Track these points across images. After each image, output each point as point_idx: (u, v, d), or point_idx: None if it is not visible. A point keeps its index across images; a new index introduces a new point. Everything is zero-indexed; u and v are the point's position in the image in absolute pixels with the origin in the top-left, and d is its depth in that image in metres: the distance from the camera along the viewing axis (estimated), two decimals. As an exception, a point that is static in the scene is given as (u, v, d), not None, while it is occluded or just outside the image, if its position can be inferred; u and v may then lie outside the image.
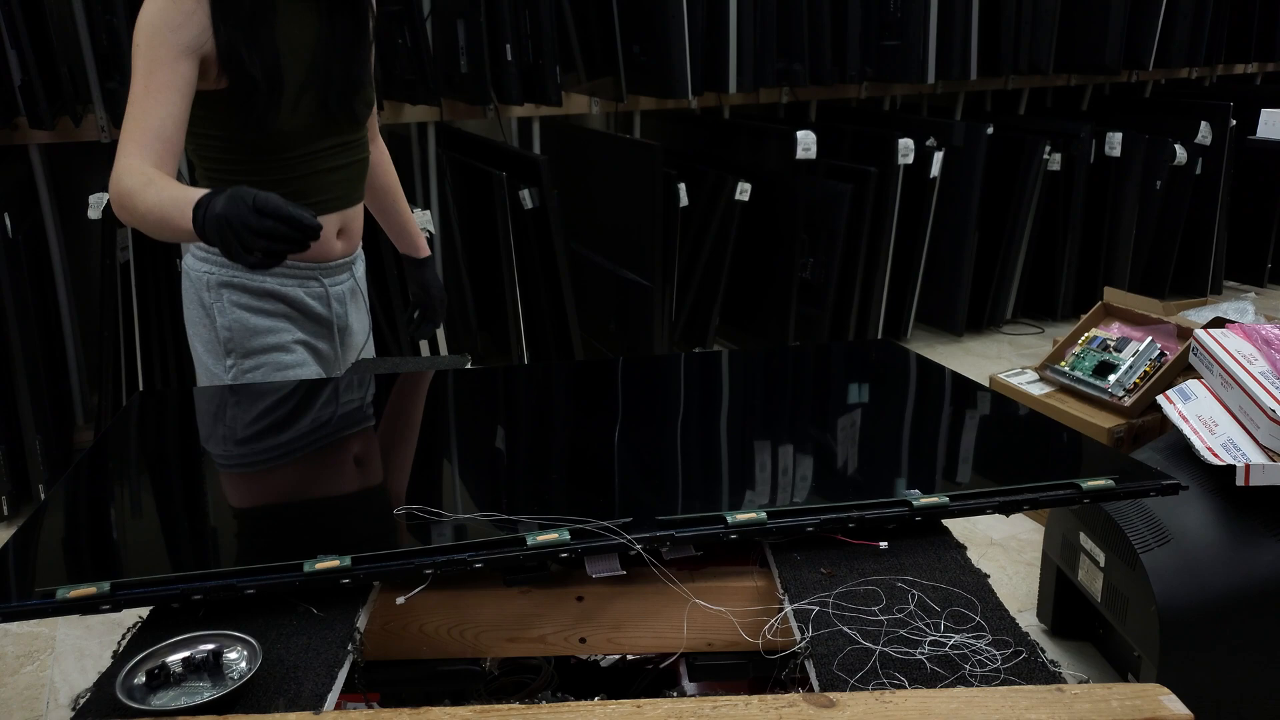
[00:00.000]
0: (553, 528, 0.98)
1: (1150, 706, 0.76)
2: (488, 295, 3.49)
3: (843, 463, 1.22)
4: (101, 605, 0.91)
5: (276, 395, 1.47)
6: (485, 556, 0.96)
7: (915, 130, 3.85)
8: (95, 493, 1.19)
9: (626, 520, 1.00)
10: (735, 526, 1.00)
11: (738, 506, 1.04)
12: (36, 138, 2.98)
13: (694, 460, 1.25)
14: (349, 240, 1.64)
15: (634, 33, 3.59)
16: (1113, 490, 1.08)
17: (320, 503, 1.17)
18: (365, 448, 1.31)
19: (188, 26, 1.37)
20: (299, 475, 1.24)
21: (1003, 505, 1.07)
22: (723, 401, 1.47)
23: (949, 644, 0.87)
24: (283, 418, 1.41)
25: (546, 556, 0.98)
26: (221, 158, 1.49)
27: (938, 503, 1.05)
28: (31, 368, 2.77)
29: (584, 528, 0.98)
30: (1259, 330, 2.04)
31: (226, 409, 1.44)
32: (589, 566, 1.01)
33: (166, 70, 1.36)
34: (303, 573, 0.93)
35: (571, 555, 0.98)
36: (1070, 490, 1.07)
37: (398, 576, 0.97)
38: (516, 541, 0.97)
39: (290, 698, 0.82)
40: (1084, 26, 4.29)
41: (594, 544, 0.97)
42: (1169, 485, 1.09)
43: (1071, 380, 2.69)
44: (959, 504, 1.06)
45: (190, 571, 0.95)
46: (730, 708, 0.77)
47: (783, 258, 3.74)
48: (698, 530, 1.00)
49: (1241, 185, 4.61)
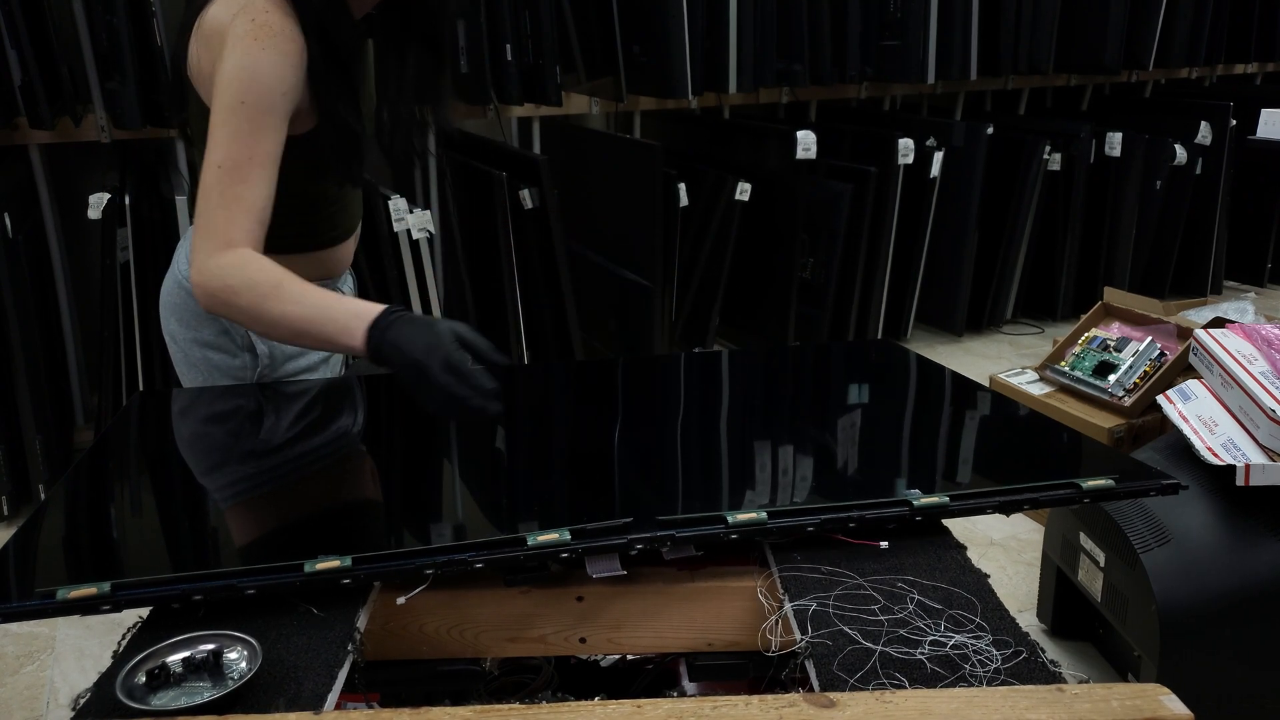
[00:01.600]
0: (553, 528, 0.98)
1: (1150, 706, 0.76)
2: (488, 295, 3.49)
3: (843, 463, 1.22)
4: (102, 606, 0.91)
5: (278, 396, 1.47)
6: (486, 557, 0.96)
7: (915, 130, 3.85)
8: (95, 493, 1.19)
9: (627, 520, 1.00)
10: (736, 526, 1.00)
11: (738, 506, 1.04)
12: (36, 138, 2.98)
13: (694, 460, 1.25)
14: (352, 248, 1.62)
15: (634, 33, 3.59)
16: (1113, 490, 1.08)
17: (321, 503, 1.17)
18: (365, 448, 1.31)
19: (299, 86, 1.23)
20: (299, 475, 1.23)
21: (1003, 505, 1.07)
22: (723, 401, 1.47)
23: (949, 644, 0.87)
24: (282, 418, 1.41)
25: (547, 556, 0.98)
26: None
27: (938, 502, 1.05)
28: (31, 368, 2.77)
29: (584, 528, 0.99)
30: (1259, 330, 2.04)
31: (225, 409, 1.44)
32: (589, 567, 1.01)
33: (273, 139, 1.21)
34: (303, 573, 0.93)
35: (572, 555, 0.98)
36: (1070, 490, 1.07)
37: (398, 577, 0.97)
38: (517, 541, 0.97)
39: (290, 698, 0.82)
40: (1084, 26, 4.29)
41: (594, 544, 0.97)
42: (1169, 485, 1.09)
43: (1071, 380, 2.69)
44: (959, 504, 1.06)
45: (190, 572, 0.95)
46: (730, 708, 0.77)
47: (783, 258, 3.74)
48: (698, 530, 1.00)
49: (1241, 185, 4.61)
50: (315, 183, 1.36)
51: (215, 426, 1.38)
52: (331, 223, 1.45)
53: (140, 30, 2.80)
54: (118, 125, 2.95)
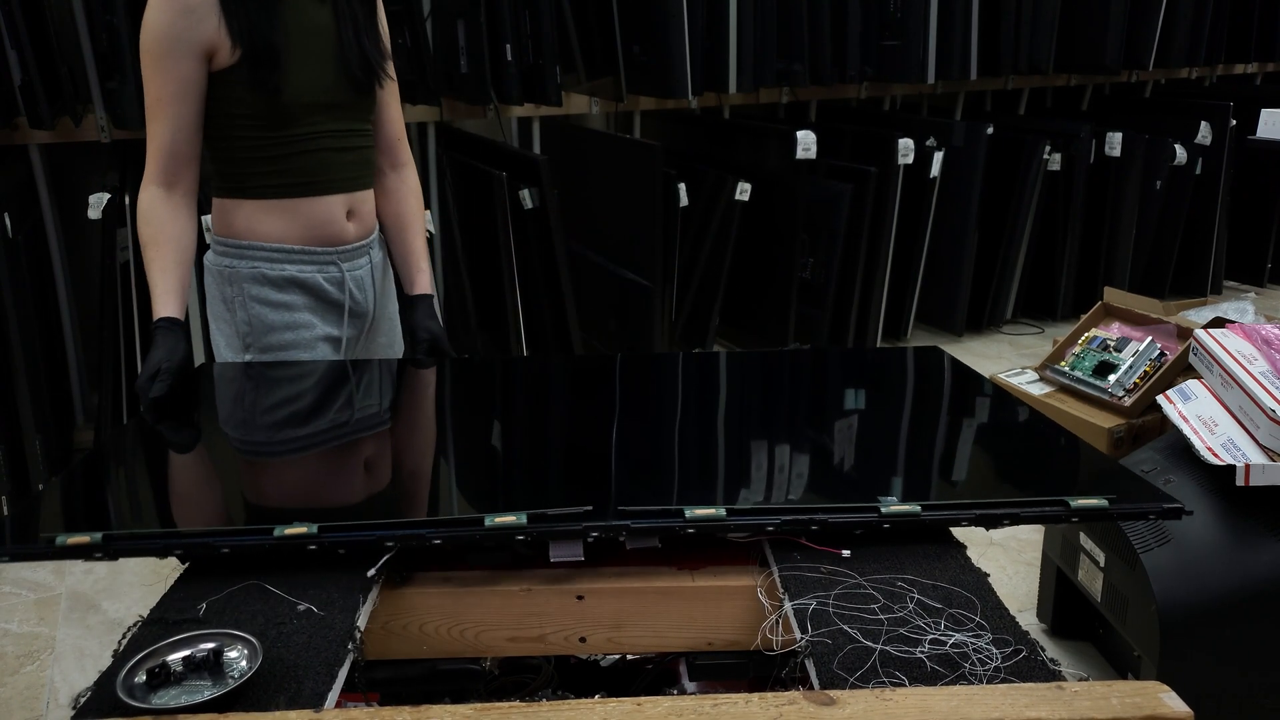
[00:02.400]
0: (511, 511, 1.02)
1: (1150, 704, 0.76)
2: (488, 295, 3.49)
3: (824, 466, 1.20)
4: (95, 553, 0.98)
5: (262, 378, 1.52)
6: (444, 533, 1.00)
7: (915, 130, 3.85)
8: (113, 460, 1.26)
9: (586, 509, 1.02)
10: (693, 521, 1.01)
11: (709, 502, 1.04)
12: (36, 138, 2.98)
13: (669, 456, 1.26)
14: (361, 223, 1.65)
15: (634, 33, 3.59)
16: (1105, 511, 1.03)
17: (297, 477, 1.24)
18: (343, 430, 1.37)
19: (197, 29, 1.42)
20: (291, 452, 1.31)
21: (981, 519, 1.03)
22: (720, 401, 1.47)
23: (949, 643, 0.87)
24: (264, 400, 1.47)
25: (503, 538, 1.01)
26: (236, 141, 1.53)
27: (908, 511, 1.03)
28: (31, 368, 2.77)
29: (543, 513, 1.01)
30: (1259, 330, 2.04)
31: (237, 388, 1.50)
32: (552, 551, 1.04)
33: (174, 80, 1.45)
34: (273, 536, 0.99)
35: (529, 538, 1.01)
36: (1058, 508, 1.03)
37: (360, 546, 1.01)
38: (475, 521, 1.00)
39: (290, 697, 0.82)
40: (1084, 26, 4.29)
41: (550, 529, 1.00)
42: (1170, 509, 1.03)
43: (1071, 380, 2.69)
44: (931, 514, 1.03)
45: (173, 529, 1.03)
46: (730, 706, 0.77)
47: (783, 258, 3.74)
48: (655, 523, 1.01)
49: (1241, 185, 4.61)
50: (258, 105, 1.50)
51: (232, 405, 1.50)
52: (301, 172, 1.56)
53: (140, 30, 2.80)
54: (118, 125, 2.95)
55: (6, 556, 1.00)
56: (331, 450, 1.30)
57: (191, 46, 1.43)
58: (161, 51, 1.43)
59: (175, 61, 1.43)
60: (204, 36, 1.43)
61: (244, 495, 1.17)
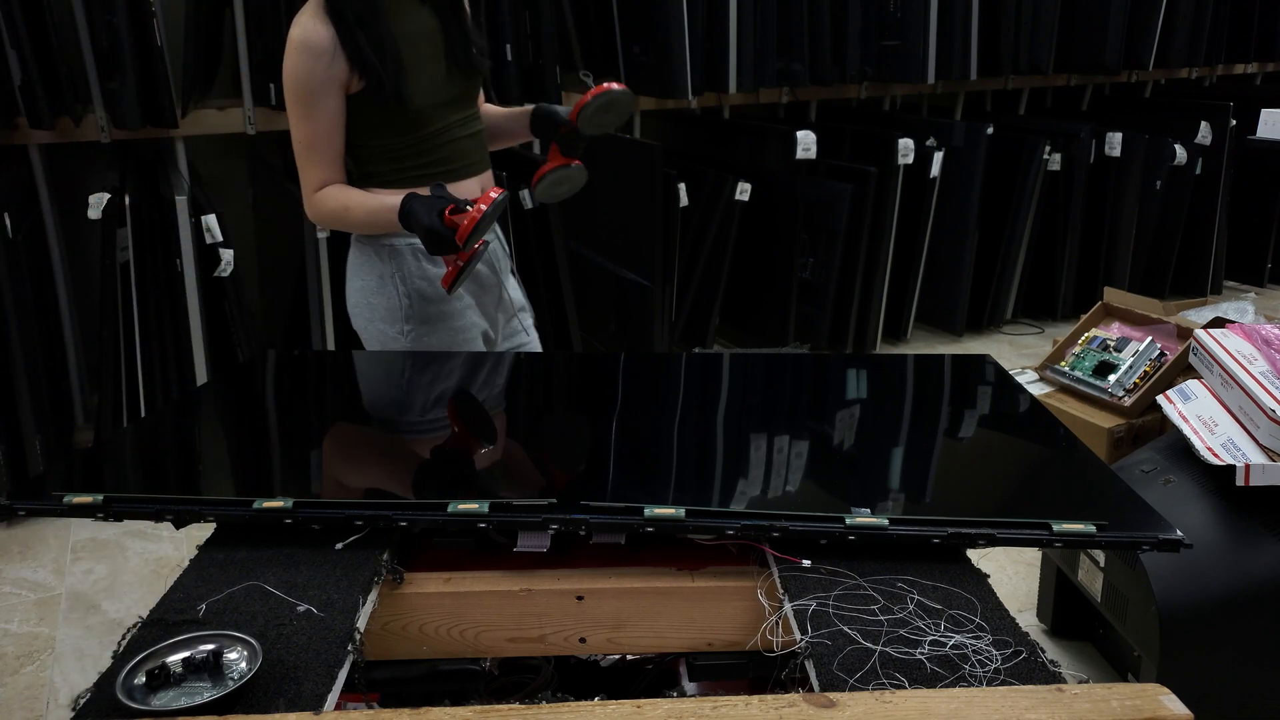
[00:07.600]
0: (476, 499, 1.06)
1: (1150, 706, 0.76)
2: (488, 295, 3.49)
3: (804, 473, 1.19)
4: (97, 513, 1.07)
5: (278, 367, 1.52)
6: (410, 516, 1.05)
7: (915, 130, 3.85)
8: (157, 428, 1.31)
9: (551, 501, 1.05)
10: (652, 520, 1.02)
11: (681, 502, 1.05)
12: (36, 138, 2.98)
13: (651, 456, 1.27)
14: None
15: (634, 33, 3.59)
16: (1093, 538, 1.00)
17: (283, 458, 1.32)
18: (353, 422, 1.45)
19: (333, 66, 1.55)
20: (276, 433, 1.40)
21: (954, 537, 1.01)
22: (720, 402, 1.47)
23: (949, 644, 0.87)
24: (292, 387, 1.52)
25: (466, 524, 1.05)
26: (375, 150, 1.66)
27: (875, 524, 1.01)
28: (31, 368, 2.77)
29: (508, 503, 1.05)
30: (1259, 330, 2.04)
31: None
32: (520, 541, 1.09)
33: (326, 118, 1.59)
34: (251, 509, 1.06)
35: (490, 526, 1.05)
36: (1040, 531, 1.00)
37: (332, 524, 1.06)
38: (439, 507, 1.05)
39: (290, 698, 0.82)
40: (1084, 26, 4.29)
41: (512, 519, 1.04)
42: (1167, 540, 0.99)
43: (1071, 380, 2.69)
44: (899, 529, 1.01)
45: (166, 495, 1.12)
46: (730, 708, 0.77)
47: (783, 258, 3.74)
48: (615, 519, 1.03)
49: (1241, 185, 4.61)
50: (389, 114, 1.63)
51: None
52: (443, 162, 1.69)
53: (140, 30, 2.80)
54: (118, 125, 2.95)
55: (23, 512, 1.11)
56: (338, 437, 1.39)
57: (332, 85, 1.56)
58: (311, 97, 1.56)
59: (324, 101, 1.57)
60: (340, 73, 1.56)
61: (241, 472, 1.27)
